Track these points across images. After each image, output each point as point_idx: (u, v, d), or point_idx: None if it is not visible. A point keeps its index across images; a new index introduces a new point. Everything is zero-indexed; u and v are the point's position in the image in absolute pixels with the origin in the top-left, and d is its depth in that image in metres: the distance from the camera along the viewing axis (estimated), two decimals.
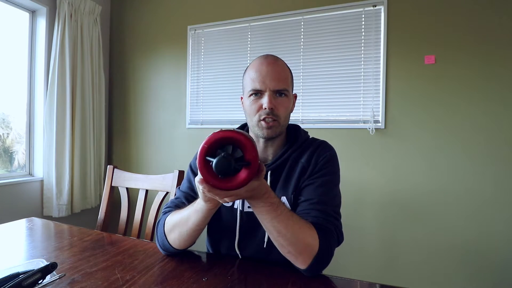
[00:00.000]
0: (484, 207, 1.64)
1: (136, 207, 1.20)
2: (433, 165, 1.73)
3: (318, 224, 0.66)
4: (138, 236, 1.15)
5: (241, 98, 0.82)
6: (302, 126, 1.94)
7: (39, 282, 0.55)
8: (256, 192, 0.58)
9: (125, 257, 0.75)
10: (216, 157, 0.48)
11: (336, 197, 0.75)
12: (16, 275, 0.54)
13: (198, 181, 0.52)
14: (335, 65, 1.92)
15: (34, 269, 0.55)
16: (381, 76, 1.82)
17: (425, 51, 1.74)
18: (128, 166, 2.53)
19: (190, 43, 2.32)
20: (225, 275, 0.66)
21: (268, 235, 0.65)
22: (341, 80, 1.91)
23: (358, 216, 1.86)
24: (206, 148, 0.49)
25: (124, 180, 1.24)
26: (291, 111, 0.81)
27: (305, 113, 1.99)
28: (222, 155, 0.47)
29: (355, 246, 1.85)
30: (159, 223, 0.77)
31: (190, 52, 2.32)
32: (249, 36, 2.14)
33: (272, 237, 0.64)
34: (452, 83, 1.70)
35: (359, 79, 1.87)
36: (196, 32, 2.30)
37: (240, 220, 0.79)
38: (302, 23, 2.00)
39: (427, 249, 1.73)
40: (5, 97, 2.06)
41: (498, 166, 1.61)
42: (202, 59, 2.28)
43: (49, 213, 2.10)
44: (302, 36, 2.00)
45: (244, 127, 0.87)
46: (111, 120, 2.63)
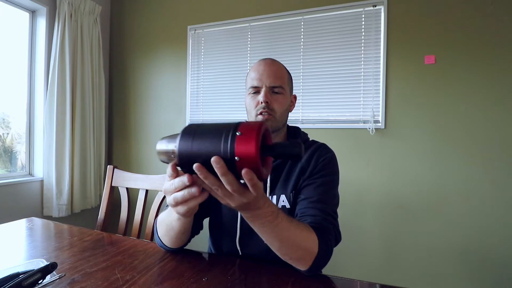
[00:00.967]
0: (484, 207, 1.64)
1: (136, 207, 1.20)
2: (433, 165, 1.73)
3: (317, 224, 0.67)
4: (138, 236, 1.15)
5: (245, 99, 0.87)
6: (302, 126, 1.95)
7: (39, 282, 0.55)
8: (255, 202, 0.50)
9: (125, 257, 0.75)
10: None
11: (335, 197, 0.77)
12: (16, 275, 0.54)
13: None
14: (335, 65, 1.92)
15: (34, 269, 0.55)
16: (381, 76, 1.82)
17: (425, 51, 1.74)
18: (128, 166, 2.53)
19: (190, 43, 2.32)
20: (225, 275, 0.66)
21: (270, 245, 0.60)
22: (341, 80, 1.91)
23: (358, 216, 1.86)
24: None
25: (124, 180, 1.24)
26: (290, 111, 0.85)
27: (305, 113, 1.99)
28: (299, 142, 0.43)
29: (355, 246, 1.85)
30: (155, 223, 0.78)
31: (190, 52, 2.32)
32: (249, 36, 2.14)
33: (274, 247, 0.60)
34: (452, 83, 1.70)
35: (359, 79, 1.87)
36: (196, 32, 2.30)
37: (241, 218, 0.80)
38: (302, 23, 2.00)
39: (427, 248, 1.73)
40: (5, 97, 2.06)
41: (498, 166, 1.61)
42: (202, 59, 2.28)
43: (49, 213, 2.10)
44: (302, 36, 2.00)
45: None
46: (111, 120, 2.63)
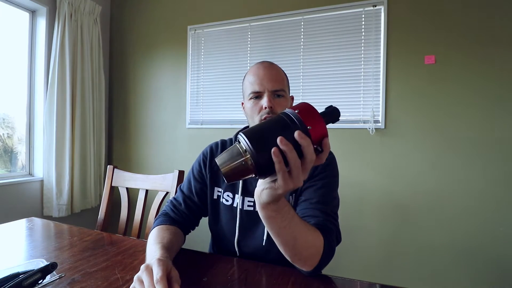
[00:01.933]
0: (484, 206, 1.63)
1: (136, 207, 1.20)
2: (433, 165, 1.73)
3: (320, 224, 0.67)
4: (138, 236, 1.15)
5: (242, 103, 0.86)
6: None
7: (39, 282, 0.55)
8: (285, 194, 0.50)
9: (125, 257, 0.75)
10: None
11: (335, 199, 0.77)
12: (16, 275, 0.54)
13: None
14: (335, 65, 1.92)
15: (34, 269, 0.55)
16: (381, 76, 1.82)
17: (425, 51, 1.74)
18: (128, 166, 2.53)
19: (190, 43, 2.32)
20: (225, 275, 0.66)
21: (280, 244, 0.59)
22: (341, 80, 1.91)
23: (358, 216, 1.86)
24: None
25: (124, 180, 1.24)
26: None
27: None
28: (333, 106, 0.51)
29: (355, 246, 1.85)
30: (151, 231, 0.77)
31: (190, 52, 2.32)
32: (249, 36, 2.14)
33: (287, 245, 0.58)
34: (452, 83, 1.69)
35: (359, 79, 1.87)
36: (196, 32, 2.30)
37: (240, 219, 0.80)
38: (302, 23, 2.00)
39: (427, 248, 1.73)
40: (5, 97, 2.06)
41: (498, 166, 1.61)
42: (202, 59, 2.28)
43: (49, 213, 2.10)
44: (302, 36, 2.00)
45: None
46: (111, 120, 2.63)
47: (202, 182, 0.87)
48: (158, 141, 2.44)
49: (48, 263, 0.57)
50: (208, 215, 0.89)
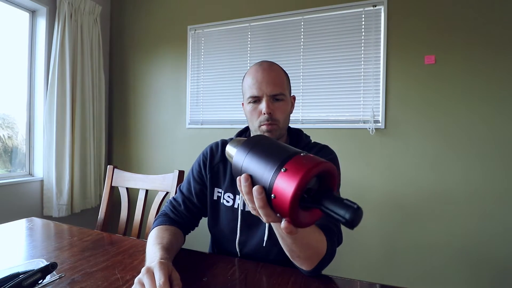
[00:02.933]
0: (484, 206, 1.63)
1: (136, 207, 1.20)
2: (433, 165, 1.73)
3: (322, 225, 0.66)
4: (138, 236, 1.15)
5: (242, 104, 0.85)
6: (302, 126, 1.95)
7: (39, 282, 0.55)
8: None
9: (125, 257, 0.75)
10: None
11: None
12: (16, 275, 0.54)
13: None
14: (335, 65, 1.92)
15: (34, 269, 0.55)
16: (381, 76, 1.82)
17: (425, 51, 1.74)
18: (128, 166, 2.53)
19: (190, 43, 2.32)
20: (225, 275, 0.66)
21: (282, 242, 0.58)
22: (341, 80, 1.91)
23: None
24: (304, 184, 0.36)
25: (124, 180, 1.24)
26: (290, 113, 0.83)
27: (305, 113, 1.99)
28: (356, 206, 0.34)
29: (355, 246, 1.85)
30: (151, 231, 0.77)
31: (190, 52, 2.32)
32: (249, 36, 2.14)
33: (286, 242, 0.58)
34: (452, 83, 1.70)
35: (359, 79, 1.87)
36: (196, 32, 2.30)
37: (241, 220, 0.80)
38: (302, 23, 2.00)
39: (427, 249, 1.73)
40: (5, 98, 2.06)
41: (500, 165, 1.61)
42: (202, 59, 2.28)
43: (49, 213, 2.10)
44: (302, 36, 2.00)
45: (246, 131, 0.90)
46: (111, 120, 2.63)
47: (202, 183, 0.86)
48: (158, 141, 2.44)
49: (48, 263, 0.57)
50: (205, 216, 0.88)
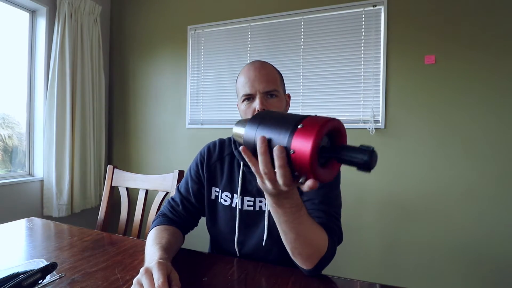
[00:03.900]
0: (484, 207, 1.63)
1: (136, 207, 1.20)
2: (433, 165, 1.73)
3: (323, 224, 0.66)
4: (138, 236, 1.15)
5: (237, 105, 0.85)
6: None
7: (39, 282, 0.55)
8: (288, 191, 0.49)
9: (125, 257, 0.75)
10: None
11: (337, 198, 0.76)
12: (16, 275, 0.54)
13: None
14: (335, 65, 1.92)
15: (34, 269, 0.55)
16: (381, 76, 1.82)
17: (425, 51, 1.74)
18: (128, 166, 2.53)
19: (190, 43, 2.32)
20: (225, 275, 0.66)
21: (284, 237, 0.59)
22: (341, 80, 1.91)
23: (358, 216, 1.86)
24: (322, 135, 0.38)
25: (124, 180, 1.24)
26: (286, 111, 0.83)
27: (305, 113, 1.98)
28: (371, 149, 0.37)
29: (355, 246, 1.85)
30: (150, 232, 0.77)
31: (190, 52, 2.32)
32: (249, 36, 2.14)
33: (288, 239, 0.59)
34: (452, 83, 1.69)
35: (359, 79, 1.87)
36: (196, 32, 2.30)
37: (240, 219, 0.79)
38: (302, 23, 2.00)
39: (427, 249, 1.73)
40: (5, 97, 2.06)
41: (499, 166, 1.61)
42: (202, 59, 2.28)
43: (49, 213, 2.10)
44: (302, 36, 2.00)
45: None
46: (111, 120, 2.63)
47: (199, 182, 0.86)
48: (158, 141, 2.44)
49: (48, 263, 0.57)
50: (204, 215, 0.88)
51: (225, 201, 0.83)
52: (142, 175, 1.23)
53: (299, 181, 0.40)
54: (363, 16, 1.86)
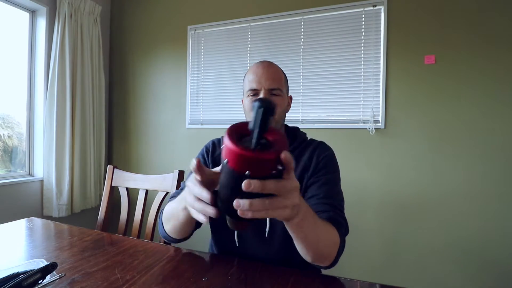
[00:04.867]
0: (484, 207, 1.63)
1: (136, 207, 1.20)
2: (433, 165, 1.73)
3: (331, 219, 0.68)
4: (138, 236, 1.15)
5: (242, 100, 0.89)
6: (302, 126, 1.95)
7: (39, 282, 0.55)
8: (299, 197, 0.47)
9: (125, 257, 0.75)
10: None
11: (339, 193, 0.80)
12: (16, 275, 0.54)
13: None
14: (335, 65, 1.92)
15: (34, 269, 0.55)
16: (381, 76, 1.82)
17: (425, 51, 1.74)
18: (128, 166, 2.53)
19: (190, 43, 2.32)
20: (225, 275, 0.66)
21: (303, 247, 0.58)
22: (341, 80, 1.91)
23: (358, 216, 1.86)
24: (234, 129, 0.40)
25: (124, 180, 1.24)
26: (287, 111, 0.88)
27: (305, 113, 1.99)
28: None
29: (355, 246, 1.85)
30: (161, 211, 0.79)
31: (190, 52, 2.32)
32: (249, 36, 2.14)
33: (311, 245, 0.58)
34: (452, 83, 1.69)
35: (359, 79, 1.87)
36: (196, 32, 2.30)
37: None
38: (302, 23, 2.00)
39: (427, 249, 1.73)
40: (5, 98, 2.06)
41: (499, 166, 1.61)
42: (202, 59, 2.28)
43: (49, 213, 2.10)
44: (302, 36, 2.00)
45: None
46: (111, 120, 2.63)
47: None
48: (158, 141, 2.44)
49: (48, 263, 0.57)
50: None
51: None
52: (142, 175, 1.23)
53: (272, 172, 0.38)
54: (363, 16, 1.86)
